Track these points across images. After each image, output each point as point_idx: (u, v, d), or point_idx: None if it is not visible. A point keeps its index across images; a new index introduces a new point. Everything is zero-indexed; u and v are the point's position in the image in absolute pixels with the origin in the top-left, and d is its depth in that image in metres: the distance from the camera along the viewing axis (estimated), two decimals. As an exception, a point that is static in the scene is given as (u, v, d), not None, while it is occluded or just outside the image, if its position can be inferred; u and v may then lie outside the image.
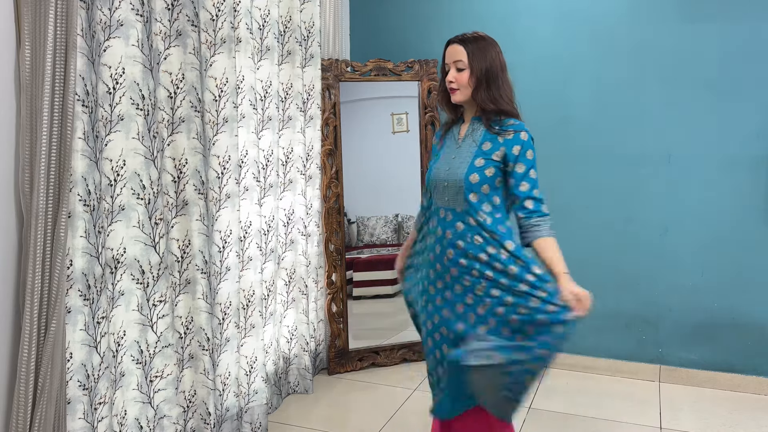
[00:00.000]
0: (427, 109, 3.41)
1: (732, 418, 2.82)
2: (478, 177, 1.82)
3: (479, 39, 1.86)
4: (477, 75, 1.83)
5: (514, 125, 1.84)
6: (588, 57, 3.20)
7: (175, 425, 2.25)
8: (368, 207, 3.58)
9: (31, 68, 1.66)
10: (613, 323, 3.29)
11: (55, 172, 1.67)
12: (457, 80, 1.86)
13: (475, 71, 1.84)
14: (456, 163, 1.88)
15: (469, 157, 1.85)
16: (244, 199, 2.58)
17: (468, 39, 1.86)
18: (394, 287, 3.69)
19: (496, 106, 1.84)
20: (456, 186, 1.84)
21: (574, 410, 2.89)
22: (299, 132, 2.99)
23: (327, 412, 2.89)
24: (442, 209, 1.89)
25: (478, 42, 1.85)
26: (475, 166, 1.83)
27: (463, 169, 1.84)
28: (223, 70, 2.35)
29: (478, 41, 1.86)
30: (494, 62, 1.84)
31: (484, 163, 1.83)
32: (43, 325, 1.67)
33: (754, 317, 3.05)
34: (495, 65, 1.84)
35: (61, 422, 1.74)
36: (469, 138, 1.89)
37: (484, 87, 1.84)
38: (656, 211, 3.16)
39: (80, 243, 1.80)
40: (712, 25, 2.99)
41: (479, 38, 1.86)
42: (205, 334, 2.30)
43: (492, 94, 1.84)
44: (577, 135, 3.24)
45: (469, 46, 1.85)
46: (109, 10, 1.90)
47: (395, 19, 3.57)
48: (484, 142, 1.85)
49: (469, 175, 1.82)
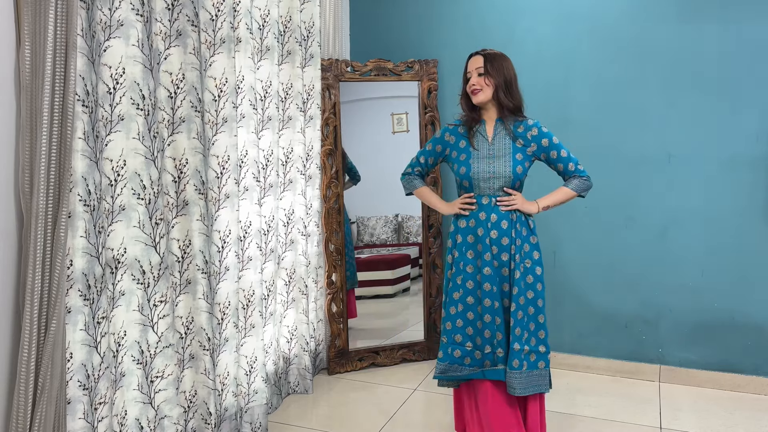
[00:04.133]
0: (427, 109, 3.41)
1: (732, 418, 2.82)
2: (522, 169, 2.30)
3: (496, 53, 2.30)
4: (496, 79, 2.26)
5: (534, 123, 2.32)
6: (588, 57, 3.20)
7: (175, 425, 2.25)
8: (368, 207, 3.58)
9: (31, 68, 1.66)
10: (613, 323, 3.29)
11: (55, 172, 1.67)
12: (479, 83, 2.27)
13: (494, 76, 2.26)
14: (498, 159, 2.29)
15: (509, 154, 2.29)
16: (243, 199, 2.58)
17: (488, 52, 2.30)
18: (394, 287, 3.69)
19: (514, 104, 2.28)
20: (504, 178, 2.28)
21: (574, 410, 2.89)
22: (299, 132, 2.99)
23: (327, 412, 2.89)
24: (486, 197, 2.30)
25: (495, 55, 2.29)
26: (517, 160, 2.29)
27: (508, 164, 2.28)
28: (223, 70, 2.35)
29: (495, 54, 2.29)
30: (510, 71, 2.29)
31: (522, 157, 2.30)
32: (43, 325, 1.67)
33: (754, 317, 3.05)
34: (511, 74, 2.29)
35: (61, 422, 1.74)
36: (500, 137, 2.31)
37: (503, 89, 2.27)
38: (656, 212, 3.16)
39: (80, 243, 1.80)
40: (712, 25, 2.99)
41: (496, 53, 2.30)
42: (205, 334, 2.30)
43: (510, 94, 2.28)
44: (577, 135, 3.24)
45: (489, 57, 2.28)
46: (109, 10, 1.90)
47: (395, 19, 3.57)
48: (517, 140, 2.29)
49: (515, 168, 2.28)
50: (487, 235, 2.28)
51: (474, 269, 2.30)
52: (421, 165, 2.47)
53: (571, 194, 2.34)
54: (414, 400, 3.00)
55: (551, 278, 3.36)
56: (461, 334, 2.32)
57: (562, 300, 3.36)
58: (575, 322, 3.36)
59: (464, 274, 2.31)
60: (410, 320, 3.65)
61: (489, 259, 2.28)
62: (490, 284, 2.27)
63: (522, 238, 2.29)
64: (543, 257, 3.32)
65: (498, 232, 2.28)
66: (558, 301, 3.36)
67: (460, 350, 2.32)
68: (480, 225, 2.29)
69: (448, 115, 3.40)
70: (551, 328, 3.38)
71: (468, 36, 3.39)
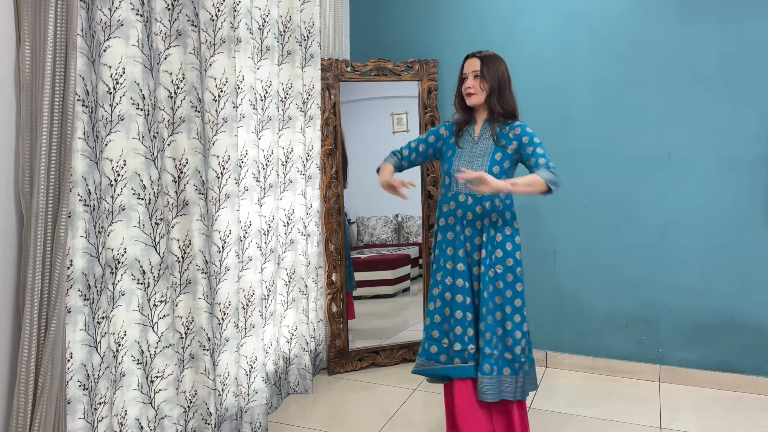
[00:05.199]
0: (427, 109, 3.41)
1: (732, 418, 2.82)
2: (499, 169, 2.28)
3: (492, 56, 2.31)
4: (490, 83, 2.27)
5: (519, 124, 2.31)
6: (588, 57, 3.20)
7: (175, 425, 2.25)
8: (368, 207, 3.58)
9: (31, 68, 1.66)
10: (613, 323, 3.29)
11: (55, 172, 1.67)
12: (474, 86, 2.29)
13: (488, 80, 2.27)
14: (477, 159, 2.30)
15: (488, 153, 2.29)
16: (243, 199, 2.58)
17: (484, 55, 2.30)
18: (394, 287, 3.69)
19: (504, 109, 2.29)
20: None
21: (574, 410, 2.89)
22: (299, 132, 2.99)
23: (327, 412, 2.89)
24: (463, 194, 2.31)
25: (491, 58, 2.30)
26: (496, 160, 2.28)
27: (485, 163, 2.28)
28: (223, 70, 2.35)
29: (491, 57, 2.30)
30: (504, 74, 2.30)
31: (502, 156, 2.29)
32: (43, 325, 1.67)
33: (754, 317, 3.05)
34: (504, 77, 2.30)
35: (61, 422, 1.74)
36: (484, 137, 2.32)
37: (496, 93, 2.28)
38: (656, 211, 3.16)
39: (80, 243, 1.80)
40: (712, 25, 2.99)
41: (492, 55, 2.31)
42: (205, 334, 2.30)
43: (502, 98, 2.29)
44: (577, 135, 3.24)
45: (485, 60, 2.28)
46: (109, 10, 1.90)
47: (395, 19, 3.57)
48: (500, 140, 2.29)
49: (492, 167, 2.27)
50: (462, 232, 2.31)
51: (452, 265, 2.33)
52: (411, 149, 2.47)
53: (538, 181, 2.13)
54: (414, 400, 3.00)
55: (551, 278, 3.36)
56: (438, 329, 2.34)
57: (562, 300, 3.36)
58: (575, 322, 3.35)
59: (443, 270, 2.34)
60: (410, 320, 3.65)
61: (463, 256, 2.31)
62: (463, 280, 2.29)
63: (494, 243, 2.28)
64: (542, 257, 3.36)
65: (472, 230, 2.30)
66: (558, 301, 3.36)
67: (436, 346, 2.34)
68: (457, 222, 2.32)
69: (448, 115, 3.39)
70: (551, 327, 3.39)
71: (468, 36, 3.39)
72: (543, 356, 3.41)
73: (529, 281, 3.40)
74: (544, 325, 3.40)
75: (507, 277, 2.28)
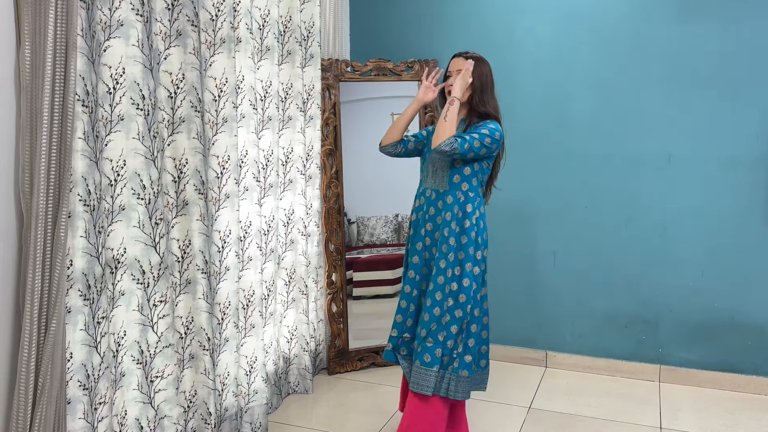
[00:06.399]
0: (427, 109, 3.41)
1: (732, 418, 2.82)
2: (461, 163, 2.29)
3: (477, 57, 2.34)
4: (473, 84, 2.30)
5: (487, 122, 2.28)
6: (588, 57, 3.20)
7: (175, 425, 2.25)
8: (368, 207, 3.58)
9: (31, 68, 1.66)
10: (613, 323, 3.29)
11: (55, 172, 1.67)
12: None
13: (473, 81, 2.30)
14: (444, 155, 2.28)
15: None
16: (243, 199, 2.58)
17: (470, 56, 2.34)
18: (394, 287, 3.69)
19: (484, 109, 2.31)
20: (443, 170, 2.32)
21: (574, 410, 2.89)
22: (299, 132, 2.99)
23: (327, 412, 2.89)
24: (429, 189, 2.36)
25: (476, 59, 2.33)
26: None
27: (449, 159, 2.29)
28: (223, 70, 2.35)
29: (476, 58, 2.33)
30: (488, 76, 2.33)
31: None
32: (43, 325, 1.67)
33: (754, 317, 3.05)
34: (488, 79, 2.33)
35: (61, 422, 1.74)
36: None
37: (478, 93, 2.31)
38: (656, 211, 3.16)
39: (80, 243, 1.80)
40: (712, 25, 2.99)
41: (478, 57, 2.35)
42: (205, 334, 2.30)
43: (484, 99, 2.31)
44: (577, 135, 3.24)
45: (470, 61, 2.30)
46: (109, 10, 1.90)
47: (395, 19, 3.57)
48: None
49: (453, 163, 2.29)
50: (423, 226, 2.38)
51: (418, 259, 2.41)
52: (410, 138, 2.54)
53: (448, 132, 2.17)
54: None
55: (551, 278, 3.36)
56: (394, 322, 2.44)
57: (562, 300, 3.36)
58: (575, 322, 3.36)
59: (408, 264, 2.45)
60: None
61: (420, 249, 2.37)
62: (414, 272, 2.39)
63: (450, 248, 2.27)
64: (542, 257, 3.36)
65: (432, 225, 2.35)
66: (558, 301, 3.36)
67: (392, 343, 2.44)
68: (422, 217, 2.39)
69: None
70: (551, 327, 3.39)
71: (468, 36, 3.39)
72: (543, 356, 3.41)
73: (529, 281, 3.42)
74: (544, 325, 3.40)
75: (455, 270, 2.25)
